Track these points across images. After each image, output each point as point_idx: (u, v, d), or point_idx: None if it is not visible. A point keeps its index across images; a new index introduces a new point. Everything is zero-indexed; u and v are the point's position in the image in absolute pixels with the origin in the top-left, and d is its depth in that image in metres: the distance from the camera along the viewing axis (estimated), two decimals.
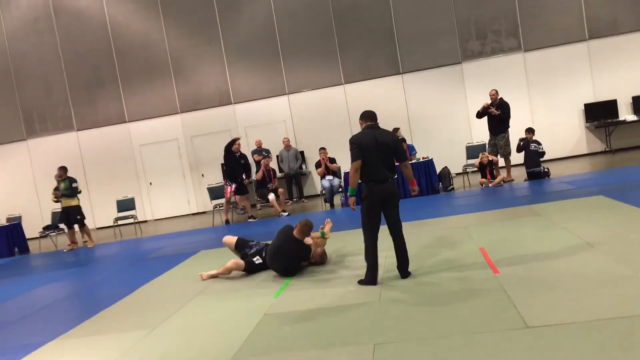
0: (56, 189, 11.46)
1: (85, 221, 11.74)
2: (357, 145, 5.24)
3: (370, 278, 5.33)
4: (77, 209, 11.46)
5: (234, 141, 11.59)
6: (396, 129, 12.02)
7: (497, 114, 10.92)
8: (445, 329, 3.91)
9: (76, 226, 11.66)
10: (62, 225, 12.14)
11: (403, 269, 5.42)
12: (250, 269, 6.50)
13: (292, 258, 6.15)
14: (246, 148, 14.20)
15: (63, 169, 11.41)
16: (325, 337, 4.14)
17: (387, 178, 5.27)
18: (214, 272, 6.69)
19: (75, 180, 11.43)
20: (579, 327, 3.56)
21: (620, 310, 3.73)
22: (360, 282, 5.40)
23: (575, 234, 5.99)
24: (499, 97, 11.09)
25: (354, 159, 5.24)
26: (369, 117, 5.47)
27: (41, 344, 5.07)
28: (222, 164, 12.29)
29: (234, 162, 11.70)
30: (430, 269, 5.57)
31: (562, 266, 4.96)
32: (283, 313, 4.88)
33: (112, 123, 15.02)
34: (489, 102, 11.06)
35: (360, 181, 5.29)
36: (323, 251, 6.51)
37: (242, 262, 6.53)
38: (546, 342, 3.42)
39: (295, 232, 6.21)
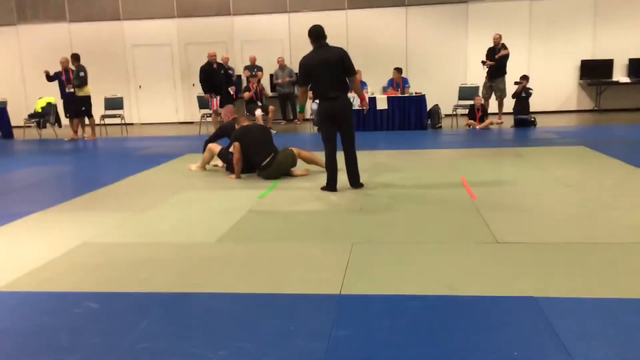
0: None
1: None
2: (302, 68, 5.56)
3: (331, 185, 5.74)
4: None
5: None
6: (399, 69, 12.03)
7: (493, 64, 11.11)
8: (420, 237, 4.15)
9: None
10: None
11: (353, 180, 5.82)
12: (227, 156, 6.84)
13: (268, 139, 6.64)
14: (240, 64, 14.07)
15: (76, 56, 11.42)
16: (305, 234, 4.35)
17: (335, 96, 5.50)
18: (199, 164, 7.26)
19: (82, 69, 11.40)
20: (543, 246, 3.81)
21: (582, 237, 4.00)
22: (323, 189, 5.80)
23: (553, 174, 6.23)
24: (501, 42, 11.14)
25: (299, 83, 5.55)
26: (314, 35, 5.57)
27: (28, 213, 5.22)
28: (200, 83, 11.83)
29: (213, 74, 11.41)
30: (412, 188, 5.79)
31: (537, 198, 5.21)
32: (267, 211, 5.08)
33: (105, 19, 14.60)
34: (491, 48, 11.24)
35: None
36: (311, 155, 6.83)
37: (219, 146, 7.00)
38: (512, 254, 3.68)
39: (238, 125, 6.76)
